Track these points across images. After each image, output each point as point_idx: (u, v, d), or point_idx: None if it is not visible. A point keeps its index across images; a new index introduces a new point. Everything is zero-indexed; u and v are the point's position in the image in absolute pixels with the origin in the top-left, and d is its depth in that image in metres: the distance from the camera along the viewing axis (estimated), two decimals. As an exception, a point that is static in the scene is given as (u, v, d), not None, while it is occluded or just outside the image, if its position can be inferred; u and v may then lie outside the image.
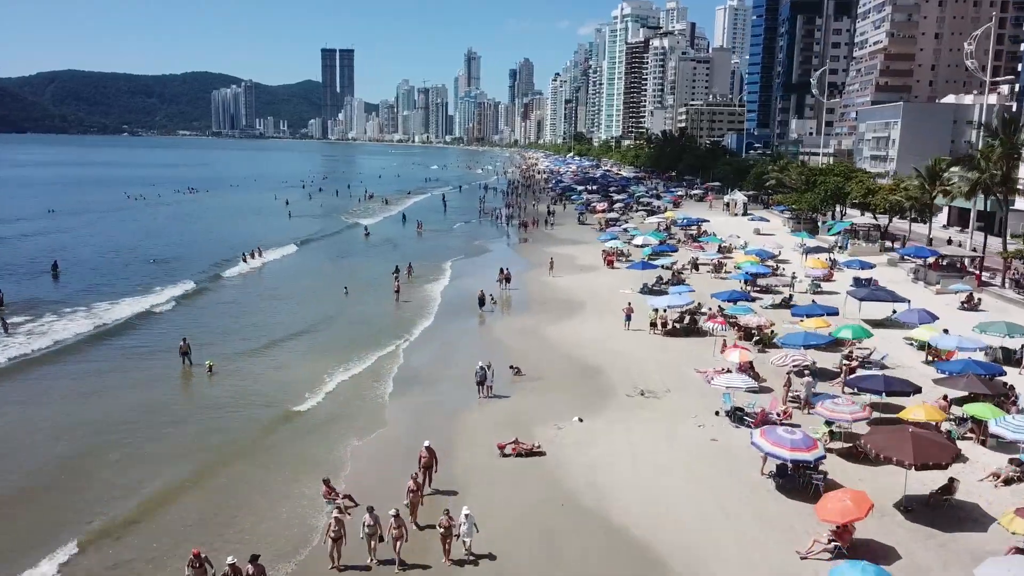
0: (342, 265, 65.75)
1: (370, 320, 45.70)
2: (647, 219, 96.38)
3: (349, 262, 67.67)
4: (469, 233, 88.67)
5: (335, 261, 68.17)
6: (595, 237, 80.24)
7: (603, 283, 55.57)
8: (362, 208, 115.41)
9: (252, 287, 56.47)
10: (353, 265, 66.10)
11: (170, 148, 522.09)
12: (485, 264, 64.39)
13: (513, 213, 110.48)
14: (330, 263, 67.18)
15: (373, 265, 64.34)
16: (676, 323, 40.76)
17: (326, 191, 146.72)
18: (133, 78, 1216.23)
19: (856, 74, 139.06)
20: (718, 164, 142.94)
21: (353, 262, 67.89)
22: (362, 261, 68.38)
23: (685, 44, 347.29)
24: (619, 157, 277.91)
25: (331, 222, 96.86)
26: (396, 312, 48.37)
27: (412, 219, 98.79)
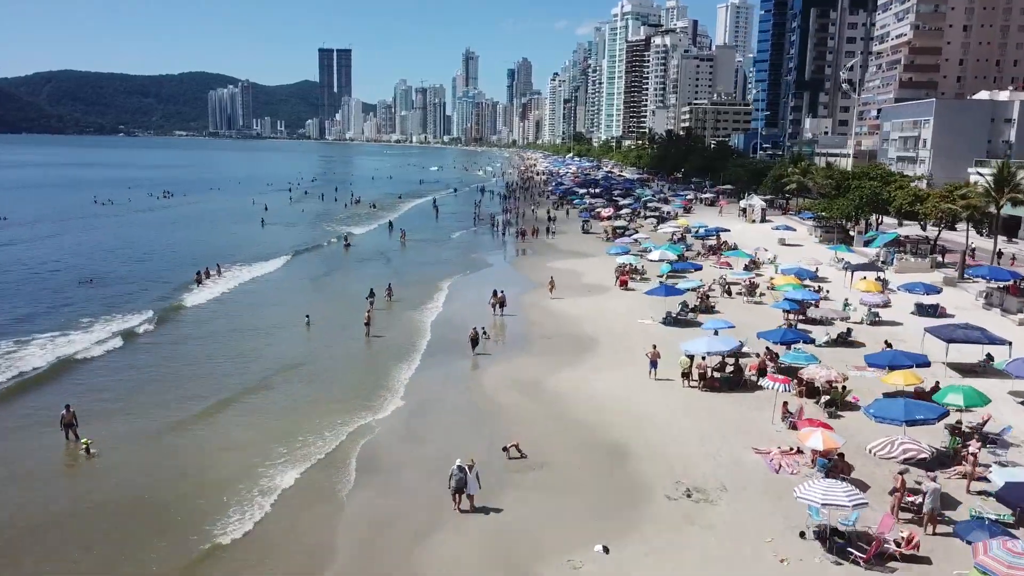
0: (312, 286, 56.75)
1: (332, 371, 36.12)
2: (658, 227, 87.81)
3: (322, 282, 58.64)
4: (463, 244, 79.83)
5: (305, 281, 58.91)
6: (602, 249, 71.53)
7: (616, 310, 46.76)
8: (347, 215, 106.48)
9: (196, 322, 45.75)
10: (325, 285, 57.27)
11: (164, 149, 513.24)
12: (480, 283, 55.37)
13: (511, 219, 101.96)
14: (299, 283, 58.00)
15: (350, 285, 55.41)
16: (715, 371, 32.04)
17: (312, 195, 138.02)
18: (130, 78, 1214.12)
19: (876, 70, 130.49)
20: (729, 165, 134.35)
21: (326, 281, 58.93)
22: (337, 280, 59.49)
23: (687, 42, 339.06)
24: (620, 158, 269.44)
25: (309, 231, 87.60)
26: (366, 354, 39.37)
27: (401, 227, 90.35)
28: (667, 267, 54.27)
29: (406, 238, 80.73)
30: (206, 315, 47.20)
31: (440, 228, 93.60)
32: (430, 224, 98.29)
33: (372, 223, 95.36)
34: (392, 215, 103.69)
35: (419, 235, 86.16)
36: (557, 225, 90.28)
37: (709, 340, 32.26)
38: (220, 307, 49.28)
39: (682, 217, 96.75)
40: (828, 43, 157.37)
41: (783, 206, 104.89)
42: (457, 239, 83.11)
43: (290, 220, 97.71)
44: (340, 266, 66.03)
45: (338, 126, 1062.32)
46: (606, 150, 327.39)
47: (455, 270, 61.87)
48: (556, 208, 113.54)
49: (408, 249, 75.00)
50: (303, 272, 62.54)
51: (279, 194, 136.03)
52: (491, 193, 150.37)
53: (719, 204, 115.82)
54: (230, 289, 53.93)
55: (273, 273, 61.33)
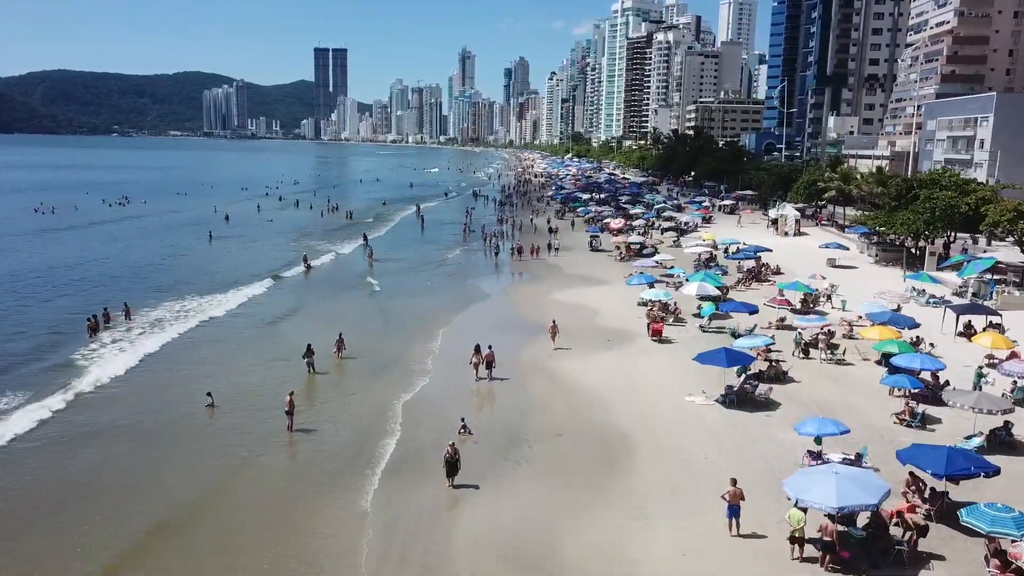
0: (238, 338, 41.85)
1: (220, 531, 21.35)
2: (680, 241, 74.80)
3: (255, 331, 43.32)
4: (448, 267, 66.08)
5: (233, 329, 43.77)
6: (617, 273, 58.82)
7: (653, 376, 33.70)
8: (320, 226, 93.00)
9: (62, 417, 29.53)
10: (258, 337, 42.09)
11: (153, 149, 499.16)
12: (467, 334, 40.11)
13: (506, 229, 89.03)
14: (227, 332, 43.13)
15: (290, 332, 41.80)
16: (841, 524, 18.92)
17: (288, 201, 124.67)
18: (124, 78, 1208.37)
19: (912, 62, 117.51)
20: (749, 168, 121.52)
21: (262, 330, 43.44)
22: (278, 326, 44.36)
23: (691, 38, 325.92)
24: (622, 159, 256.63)
25: (266, 250, 73.10)
26: (281, 477, 24.78)
27: (380, 244, 77.38)
28: (710, 307, 41.23)
29: (373, 258, 67.97)
30: (75, 413, 30.10)
31: (424, 244, 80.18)
32: (413, 238, 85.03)
33: (344, 240, 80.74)
34: (372, 228, 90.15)
35: (398, 253, 73.01)
36: (560, 238, 77.39)
37: (837, 480, 18.71)
38: (97, 395, 32.15)
39: (705, 229, 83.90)
40: (852, 35, 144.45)
41: (815, 215, 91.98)
42: (442, 259, 69.59)
43: (250, 234, 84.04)
44: (287, 303, 50.78)
45: (334, 126, 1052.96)
46: (607, 151, 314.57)
47: (437, 308, 48.04)
48: (559, 216, 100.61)
49: (382, 274, 61.36)
50: (242, 312, 47.82)
51: (251, 200, 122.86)
52: (486, 198, 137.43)
53: (740, 212, 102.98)
54: (128, 345, 39.15)
55: (193, 314, 46.06)
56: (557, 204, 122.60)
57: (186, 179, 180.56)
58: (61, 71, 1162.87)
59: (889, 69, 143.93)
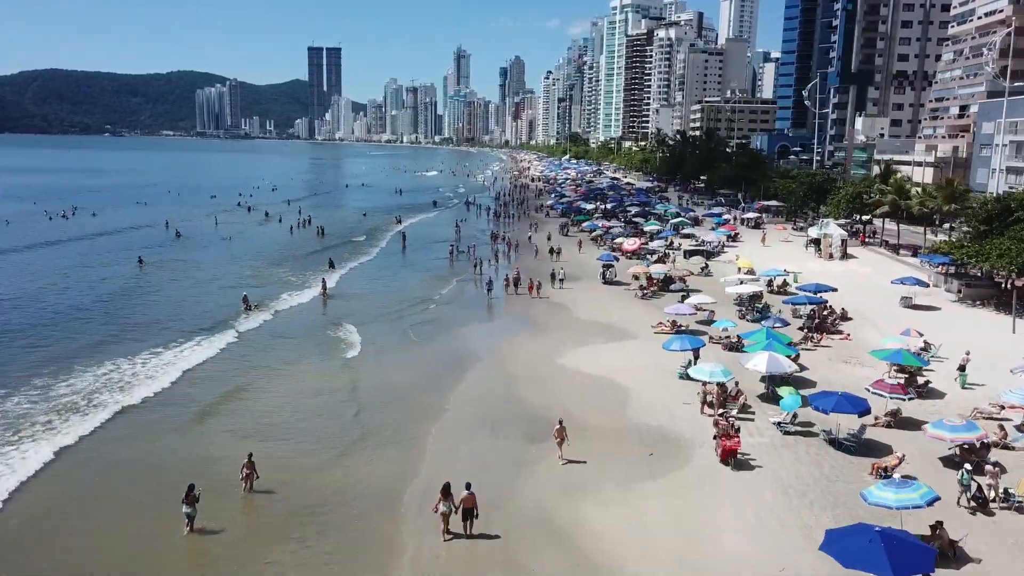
0: (98, 463, 27.05)
1: None
2: (710, 268, 62.05)
3: (175, 435, 29.30)
4: (435, 310, 51.92)
5: (147, 429, 29.54)
6: (643, 319, 46.20)
7: (735, 546, 20.89)
8: (285, 246, 79.95)
9: None
10: (159, 457, 27.65)
11: (141, 149, 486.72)
12: (447, 444, 28.40)
13: (501, 249, 76.44)
14: (106, 447, 28.19)
15: (211, 444, 28.54)
16: None
17: (258, 211, 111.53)
18: (117, 77, 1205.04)
19: (955, 57, 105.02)
20: (772, 175, 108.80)
21: (175, 439, 28.97)
22: (207, 425, 30.31)
23: (693, 36, 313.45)
24: (623, 161, 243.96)
25: (208, 284, 58.70)
26: None
27: (354, 273, 64.68)
28: (794, 399, 28.38)
29: (328, 293, 55.15)
30: None
31: (405, 272, 66.60)
32: (392, 263, 71.93)
33: (306, 271, 64.52)
34: (344, 250, 76.86)
35: (374, 285, 60.07)
36: (565, 263, 64.71)
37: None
38: None
39: (731, 248, 71.08)
40: (879, 28, 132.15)
41: (859, 234, 79.37)
42: (424, 296, 55.71)
43: (196, 258, 70.34)
44: (216, 384, 35.37)
45: (327, 126, 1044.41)
46: (606, 152, 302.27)
47: (411, 388, 34.75)
48: (563, 232, 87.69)
49: (349, 318, 48.38)
50: (149, 407, 32.45)
51: (218, 211, 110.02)
52: (479, 207, 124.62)
53: (766, 227, 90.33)
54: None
55: (86, 409, 31.68)
56: (557, 214, 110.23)
57: (156, 184, 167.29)
58: (53, 70, 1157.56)
59: (920, 65, 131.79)
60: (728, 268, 64.83)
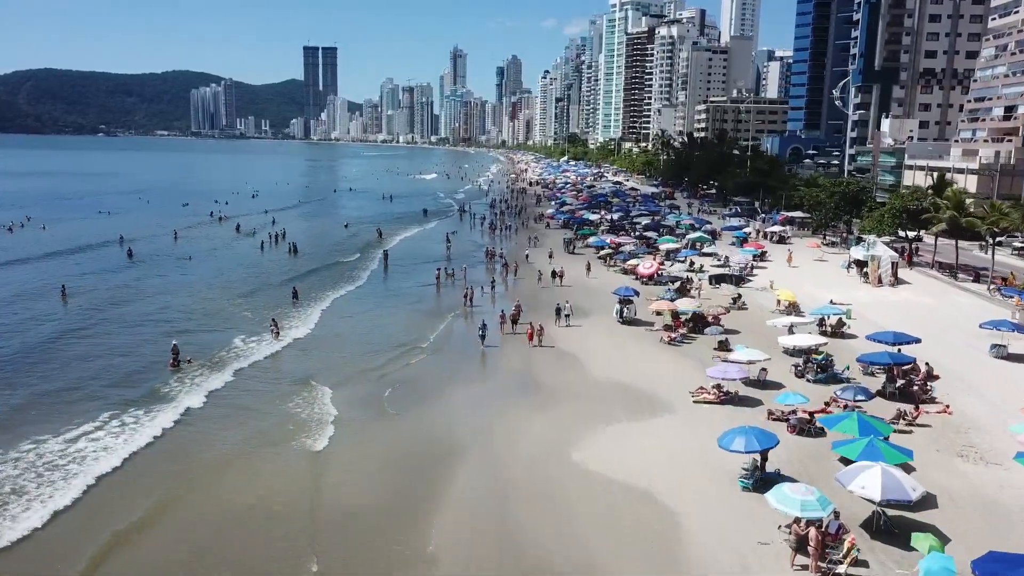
0: None
1: None
2: (742, 297, 52.20)
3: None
4: (416, 365, 41.02)
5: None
6: (675, 375, 36.48)
7: None
8: (251, 270, 69.54)
9: None
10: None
11: (131, 150, 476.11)
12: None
13: (497, 271, 66.77)
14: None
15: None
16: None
17: (229, 223, 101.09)
18: (112, 77, 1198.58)
19: (998, 53, 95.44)
20: (796, 183, 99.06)
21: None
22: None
23: (695, 33, 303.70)
24: (625, 164, 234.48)
25: (145, 325, 47.89)
26: None
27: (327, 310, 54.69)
28: (942, 565, 18.58)
29: (278, 327, 45.32)
30: None
31: (383, 306, 55.62)
32: (369, 293, 61.46)
33: (269, 306, 52.94)
34: (313, 277, 66.43)
35: (341, 326, 49.97)
36: (569, 287, 54.91)
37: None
38: None
39: (766, 273, 61.21)
40: (905, 22, 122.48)
41: (905, 253, 69.59)
42: (403, 347, 44.10)
43: (143, 287, 59.58)
44: (122, 507, 25.51)
45: (323, 126, 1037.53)
46: (606, 154, 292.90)
47: (377, 538, 24.74)
48: (568, 249, 77.54)
49: (305, 381, 38.63)
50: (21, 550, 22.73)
51: (188, 221, 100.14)
52: (472, 216, 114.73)
53: (799, 242, 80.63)
54: None
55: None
56: (559, 224, 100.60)
57: (131, 191, 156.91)
58: (47, 70, 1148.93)
59: (949, 63, 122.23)
60: (763, 298, 55.03)
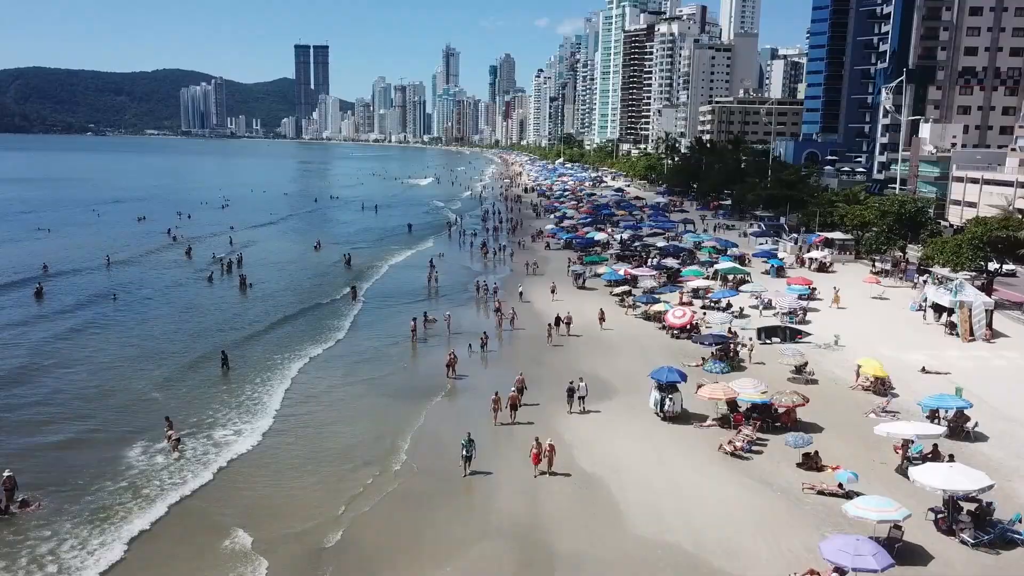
0: None
1: None
2: (806, 361, 39.46)
3: None
4: (377, 513, 27.89)
5: None
6: (762, 546, 23.55)
7: None
8: (191, 314, 56.73)
9: None
10: None
11: (114, 151, 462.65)
12: None
13: (487, 313, 54.19)
14: None
15: None
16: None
17: (181, 242, 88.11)
18: (102, 75, 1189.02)
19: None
20: (833, 198, 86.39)
21: None
22: None
23: (696, 30, 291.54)
24: (625, 168, 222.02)
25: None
26: None
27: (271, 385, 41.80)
28: None
29: (179, 448, 31.38)
30: None
31: (345, 382, 41.66)
32: (325, 361, 48.03)
33: (197, 393, 40.13)
34: (260, 341, 51.01)
35: (285, 424, 36.74)
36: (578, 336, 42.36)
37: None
38: None
39: (834, 331, 47.87)
40: (943, 15, 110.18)
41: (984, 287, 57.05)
42: (362, 469, 30.05)
43: (17, 364, 43.61)
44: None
45: (315, 125, 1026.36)
46: (604, 156, 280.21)
47: None
48: (577, 282, 64.32)
49: (229, 531, 25.77)
50: None
51: (138, 240, 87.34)
52: (461, 234, 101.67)
53: (840, 270, 68.10)
54: None
55: None
56: (560, 244, 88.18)
57: (89, 200, 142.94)
58: (36, 68, 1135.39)
59: (991, 60, 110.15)
60: (829, 361, 42.32)
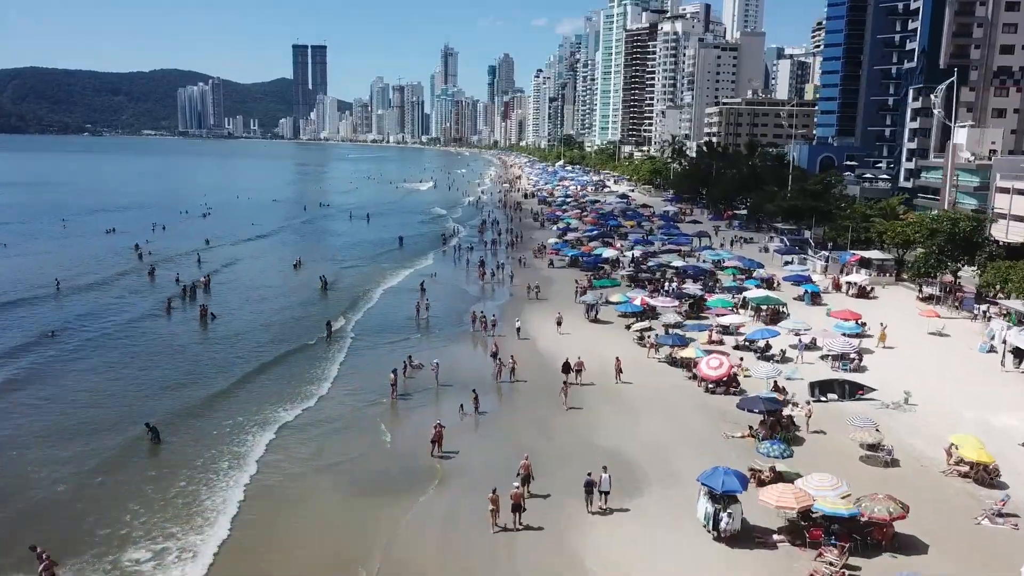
0: None
1: None
2: (893, 444, 31.08)
3: None
4: None
5: None
6: None
7: None
8: (135, 362, 48.00)
9: None
10: None
11: (108, 152, 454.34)
12: None
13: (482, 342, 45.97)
14: None
15: None
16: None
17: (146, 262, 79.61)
18: (98, 75, 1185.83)
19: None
20: (863, 211, 77.95)
21: None
22: None
23: (700, 29, 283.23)
24: (629, 171, 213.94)
25: None
26: None
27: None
28: None
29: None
30: None
31: (315, 464, 33.60)
32: (303, 429, 39.41)
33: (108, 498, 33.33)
34: (191, 407, 42.78)
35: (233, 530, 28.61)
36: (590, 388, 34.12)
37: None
38: None
39: (904, 385, 39.31)
40: (977, 11, 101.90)
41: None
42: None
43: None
44: None
45: (312, 125, 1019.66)
46: (605, 159, 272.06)
47: None
48: (589, 314, 55.78)
49: None
50: None
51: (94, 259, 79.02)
52: (456, 249, 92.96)
53: (881, 295, 59.79)
54: None
55: None
56: (564, 262, 79.94)
57: (64, 205, 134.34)
58: (33, 68, 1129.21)
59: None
60: (903, 428, 34.02)
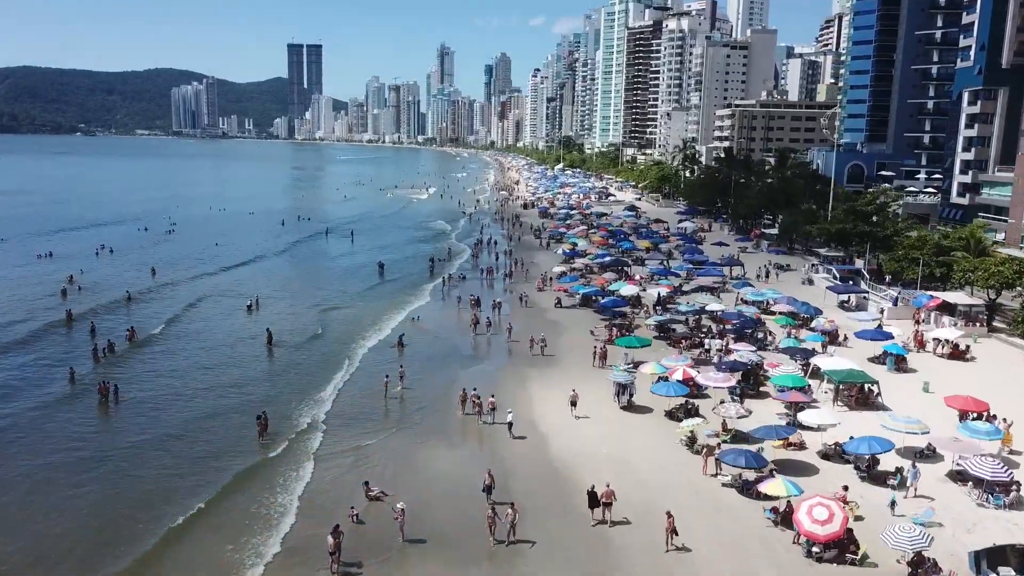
0: None
1: None
2: None
3: None
4: None
5: None
6: None
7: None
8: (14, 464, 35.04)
9: None
10: None
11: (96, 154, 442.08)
12: None
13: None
14: None
15: None
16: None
17: (84, 296, 66.31)
18: (92, 75, 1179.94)
19: None
20: (928, 239, 64.59)
21: None
22: None
23: (707, 27, 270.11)
24: (634, 177, 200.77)
25: None
26: None
27: None
28: None
29: None
30: None
31: None
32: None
33: None
34: None
35: None
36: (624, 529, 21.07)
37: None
38: None
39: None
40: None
41: None
42: None
43: None
44: None
45: (308, 125, 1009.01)
46: (607, 162, 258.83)
47: None
48: (621, 399, 41.16)
49: None
50: None
51: (12, 292, 65.79)
52: (447, 280, 79.37)
53: (979, 355, 46.59)
54: None
55: None
56: (576, 301, 66.52)
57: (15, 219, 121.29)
58: (26, 67, 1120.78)
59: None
60: None
